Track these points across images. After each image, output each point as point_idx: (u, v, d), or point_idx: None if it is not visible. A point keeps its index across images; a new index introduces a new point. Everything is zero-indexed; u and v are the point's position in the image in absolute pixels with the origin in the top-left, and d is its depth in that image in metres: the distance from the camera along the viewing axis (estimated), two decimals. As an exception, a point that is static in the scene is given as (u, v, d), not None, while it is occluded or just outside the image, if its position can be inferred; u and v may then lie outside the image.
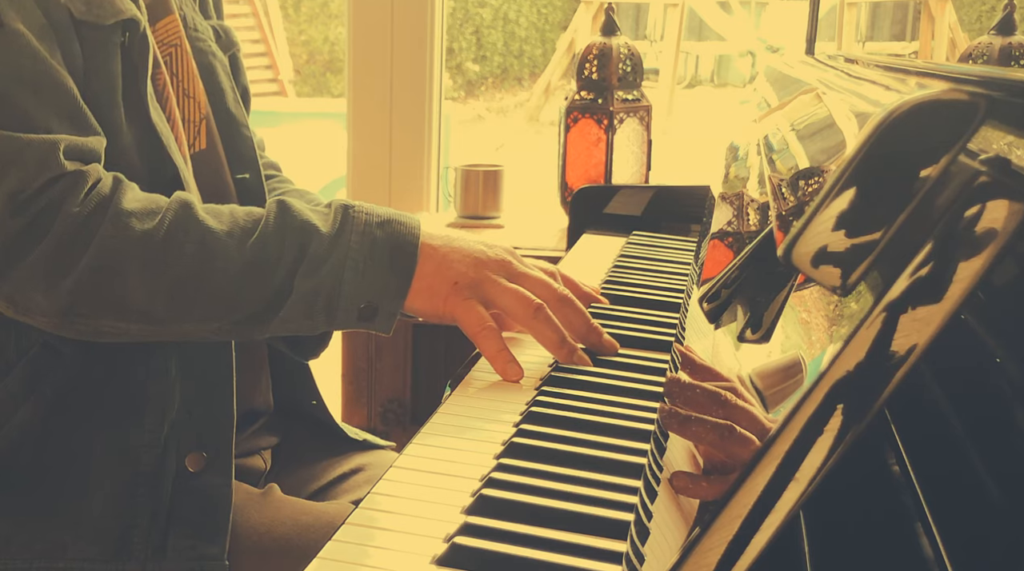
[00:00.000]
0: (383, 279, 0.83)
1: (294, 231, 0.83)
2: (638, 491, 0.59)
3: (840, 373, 0.38)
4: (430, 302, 0.83)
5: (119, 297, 0.81)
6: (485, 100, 8.90)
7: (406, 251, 0.83)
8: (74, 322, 0.82)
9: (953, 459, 0.39)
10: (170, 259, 0.81)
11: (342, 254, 0.82)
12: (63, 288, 0.79)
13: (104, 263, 0.80)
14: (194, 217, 0.83)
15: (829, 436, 0.37)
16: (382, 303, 0.83)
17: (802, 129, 0.94)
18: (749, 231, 1.01)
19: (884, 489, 0.42)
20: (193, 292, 0.82)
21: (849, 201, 0.46)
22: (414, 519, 0.58)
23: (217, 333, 0.86)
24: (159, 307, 0.82)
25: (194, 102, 1.00)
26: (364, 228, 0.84)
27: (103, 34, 0.86)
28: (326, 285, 0.82)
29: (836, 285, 0.44)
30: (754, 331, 0.76)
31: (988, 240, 0.36)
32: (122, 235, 0.80)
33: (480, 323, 0.82)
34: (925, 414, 0.41)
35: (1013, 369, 0.37)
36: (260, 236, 0.83)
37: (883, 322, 0.38)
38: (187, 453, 0.89)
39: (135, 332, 0.84)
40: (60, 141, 0.80)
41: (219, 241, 0.82)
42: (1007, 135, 0.44)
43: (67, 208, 0.79)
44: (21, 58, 0.81)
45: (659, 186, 1.53)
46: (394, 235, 0.84)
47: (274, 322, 0.83)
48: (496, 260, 0.85)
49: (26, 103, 0.80)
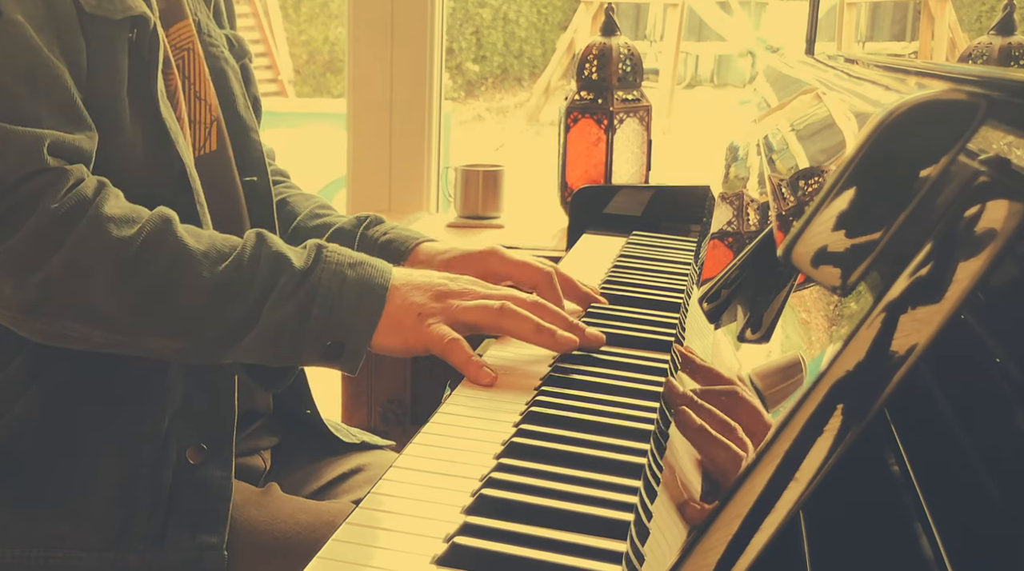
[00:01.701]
0: (350, 318, 0.83)
1: (267, 261, 0.84)
2: (638, 491, 0.59)
3: (840, 373, 0.38)
4: (398, 336, 0.84)
5: (86, 299, 0.81)
6: (485, 100, 8.90)
7: (375, 293, 0.84)
8: (38, 320, 0.82)
9: (953, 459, 0.39)
10: (141, 268, 0.81)
11: (311, 290, 0.83)
12: (31, 282, 0.79)
13: (76, 263, 0.80)
14: (172, 232, 0.83)
15: (829, 436, 0.37)
16: (348, 340, 0.83)
17: (802, 129, 0.94)
18: (749, 231, 1.01)
19: (884, 489, 0.42)
20: (159, 305, 0.82)
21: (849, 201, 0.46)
22: (414, 519, 0.58)
23: (179, 353, 0.86)
24: (124, 315, 0.81)
25: (205, 104, 1.00)
26: (336, 267, 0.84)
27: (112, 29, 0.86)
28: (293, 319, 0.82)
29: (836, 285, 0.44)
30: (754, 331, 0.76)
31: (988, 240, 0.36)
32: (97, 237, 0.80)
33: (443, 338, 0.82)
34: (925, 414, 0.41)
35: (1013, 369, 0.37)
36: (234, 261, 0.83)
37: (883, 322, 0.38)
38: (188, 445, 0.90)
39: (98, 339, 0.83)
40: (46, 136, 0.80)
41: (192, 259, 0.82)
42: (1007, 135, 0.44)
43: (45, 203, 0.79)
44: (17, 48, 0.81)
45: (659, 186, 1.53)
46: (364, 277, 0.85)
47: (235, 349, 0.83)
48: (458, 290, 0.86)
49: (18, 93, 0.80)
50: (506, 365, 0.84)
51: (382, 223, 1.10)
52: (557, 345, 0.83)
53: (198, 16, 1.02)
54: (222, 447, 0.91)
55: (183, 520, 0.88)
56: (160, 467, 0.88)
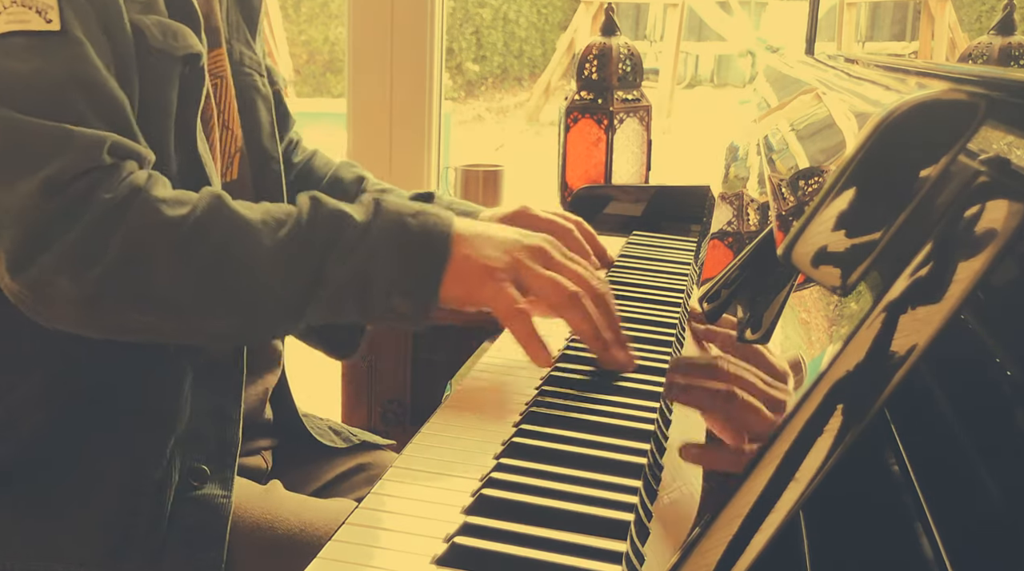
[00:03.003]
0: (416, 266, 0.80)
1: (326, 219, 0.81)
2: (638, 491, 0.59)
3: (840, 373, 0.38)
4: (463, 288, 0.80)
5: (146, 284, 0.78)
6: (485, 100, 8.89)
7: (440, 240, 0.81)
8: (99, 314, 0.80)
9: (953, 459, 0.39)
10: (198, 244, 0.79)
11: (374, 241, 0.80)
12: (91, 275, 0.77)
13: (132, 247, 0.78)
14: (226, 206, 0.81)
15: (829, 436, 0.37)
16: (415, 291, 0.80)
17: (802, 129, 0.94)
18: (749, 231, 1.01)
19: (884, 489, 0.42)
20: (221, 280, 0.79)
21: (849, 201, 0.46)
22: (414, 519, 0.58)
23: (245, 330, 0.83)
24: (186, 296, 0.79)
25: (231, 134, 1.01)
26: (397, 217, 0.81)
27: (170, 64, 0.88)
28: (358, 272, 0.79)
29: (836, 285, 0.44)
30: (754, 331, 0.76)
31: (988, 240, 0.36)
32: (151, 220, 0.79)
33: (510, 304, 0.79)
34: (925, 414, 0.42)
35: (1013, 369, 0.37)
36: (292, 225, 0.81)
37: (883, 322, 0.38)
38: (191, 465, 0.90)
39: (161, 326, 0.81)
40: (107, 138, 0.80)
41: (250, 229, 0.80)
42: (1007, 135, 0.44)
43: (99, 194, 0.78)
44: (80, 64, 0.81)
45: (659, 186, 1.53)
46: (426, 225, 0.81)
47: (305, 313, 0.80)
48: (532, 246, 0.82)
49: (79, 106, 0.80)
50: (506, 365, 0.84)
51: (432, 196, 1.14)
52: (605, 358, 0.79)
53: (232, 44, 1.03)
54: (224, 469, 0.91)
55: (182, 538, 0.88)
56: (163, 487, 0.88)
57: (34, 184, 0.77)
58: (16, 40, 0.79)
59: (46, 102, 0.79)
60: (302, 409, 1.13)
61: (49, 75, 0.79)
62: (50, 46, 0.80)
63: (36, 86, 0.79)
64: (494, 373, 0.83)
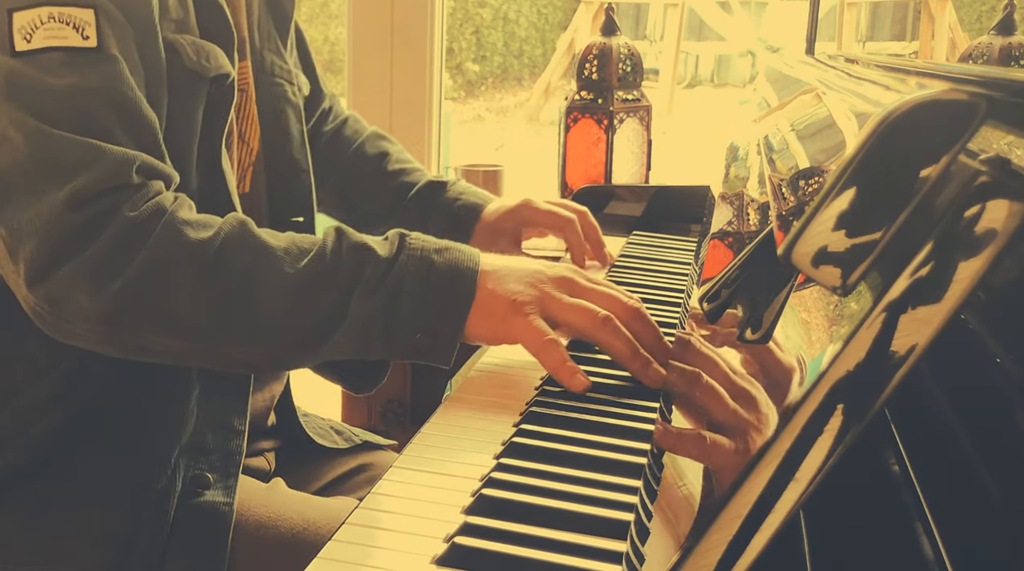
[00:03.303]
0: (442, 304, 0.79)
1: (351, 251, 0.80)
2: (638, 491, 0.59)
3: (840, 373, 0.38)
4: (489, 324, 0.79)
5: (166, 307, 0.78)
6: (485, 100, 8.89)
7: (465, 275, 0.79)
8: (117, 333, 0.79)
9: (953, 459, 0.39)
10: (222, 269, 0.78)
11: (399, 277, 0.79)
12: (109, 291, 0.77)
13: (155, 268, 0.78)
14: (250, 233, 0.81)
15: (829, 436, 0.37)
16: (440, 329, 0.79)
17: (802, 129, 0.94)
18: (749, 231, 1.01)
19: (884, 489, 0.42)
20: (243, 307, 0.79)
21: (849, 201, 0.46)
22: (414, 519, 0.58)
23: (264, 359, 0.82)
24: (206, 321, 0.78)
25: (247, 147, 1.01)
26: (421, 253, 0.80)
27: (201, 85, 0.88)
28: (382, 309, 0.78)
29: (836, 285, 0.44)
30: (754, 331, 0.76)
31: (988, 240, 0.36)
32: (175, 241, 0.78)
33: (540, 338, 0.77)
34: (925, 414, 0.42)
35: (1013, 369, 0.37)
36: (316, 256, 0.80)
37: (883, 322, 0.38)
38: (195, 474, 0.90)
39: (179, 350, 0.81)
40: (137, 157, 0.80)
41: (274, 257, 0.80)
42: (1007, 135, 0.44)
43: (123, 212, 0.78)
44: (114, 82, 0.81)
45: (659, 186, 1.53)
46: (452, 261, 0.80)
47: (327, 346, 0.79)
48: (555, 277, 0.81)
49: (110, 124, 0.80)
50: (506, 365, 0.84)
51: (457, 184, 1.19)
52: (647, 377, 0.76)
53: (264, 54, 1.03)
54: (228, 478, 0.91)
55: (184, 546, 0.88)
56: (166, 494, 0.88)
57: (60, 197, 0.77)
58: (53, 55, 0.79)
59: (78, 118, 0.79)
60: (302, 409, 1.13)
61: (83, 91, 0.79)
62: (86, 63, 0.80)
63: (69, 102, 0.79)
64: (494, 373, 0.83)
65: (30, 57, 0.79)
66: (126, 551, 0.87)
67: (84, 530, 0.87)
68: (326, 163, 1.23)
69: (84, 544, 0.86)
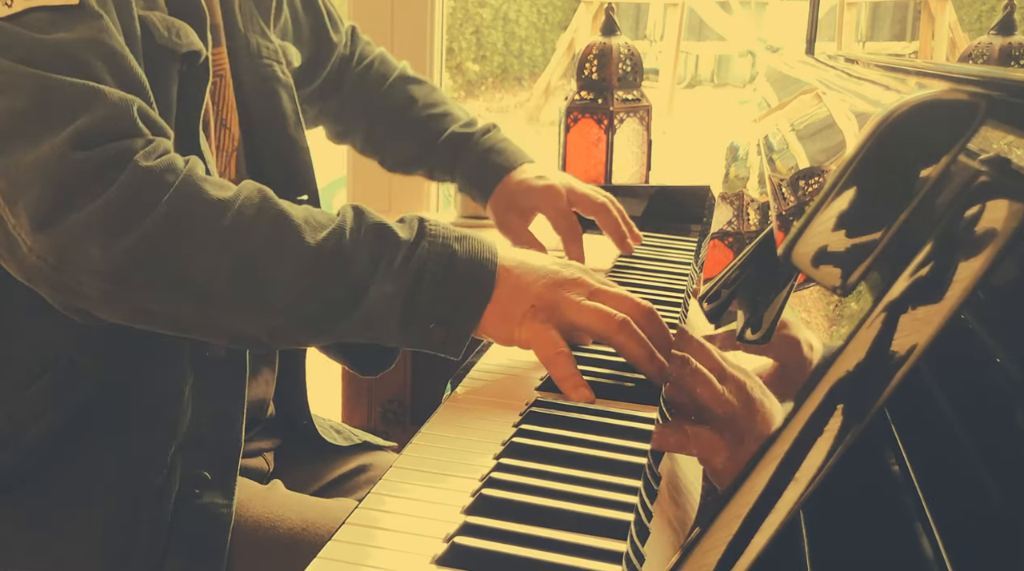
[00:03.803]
0: (461, 295, 0.77)
1: (370, 231, 0.77)
2: (638, 491, 0.59)
3: (840, 373, 0.38)
4: (504, 326, 0.78)
5: (180, 265, 0.74)
6: (485, 100, 8.89)
7: (485, 268, 0.78)
8: (125, 293, 0.75)
9: (953, 459, 0.39)
10: (241, 232, 0.75)
11: (421, 263, 0.76)
12: (122, 245, 0.73)
13: (172, 223, 0.74)
14: (270, 198, 0.78)
15: (829, 436, 0.37)
16: (456, 320, 0.77)
17: (802, 129, 0.94)
18: (749, 231, 1.01)
19: (884, 489, 0.42)
20: (259, 273, 0.75)
21: (849, 201, 0.46)
22: (414, 519, 0.58)
23: (272, 333, 0.78)
24: (221, 285, 0.75)
25: (229, 132, 1.00)
26: (442, 240, 0.78)
27: (172, 61, 0.87)
28: (404, 294, 0.76)
29: (836, 285, 0.44)
30: (754, 331, 0.76)
31: (988, 240, 0.36)
32: (195, 197, 0.75)
33: (554, 348, 0.76)
34: (925, 414, 0.41)
35: (1013, 369, 0.37)
36: (336, 230, 0.77)
37: (883, 322, 0.38)
38: (192, 473, 0.89)
39: (186, 317, 0.77)
40: (135, 102, 0.77)
41: (294, 225, 0.76)
42: (1007, 135, 0.44)
43: (139, 160, 0.74)
44: (102, 34, 0.79)
45: (659, 186, 1.53)
46: (472, 251, 0.78)
47: (341, 327, 0.77)
48: (571, 279, 0.79)
49: (102, 72, 0.78)
50: (506, 365, 0.84)
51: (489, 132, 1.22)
52: (662, 380, 0.75)
53: (249, 36, 1.02)
54: (226, 476, 0.91)
55: (183, 548, 0.88)
56: (164, 494, 0.88)
57: (62, 138, 0.73)
58: (38, 15, 0.78)
59: (71, 64, 0.76)
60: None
61: (72, 44, 0.77)
62: (71, 20, 0.78)
63: (60, 51, 0.77)
64: (494, 373, 0.83)
65: (15, 19, 0.77)
66: (125, 552, 0.87)
67: (83, 532, 0.87)
68: (355, 107, 1.27)
69: (83, 547, 0.86)
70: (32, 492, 0.88)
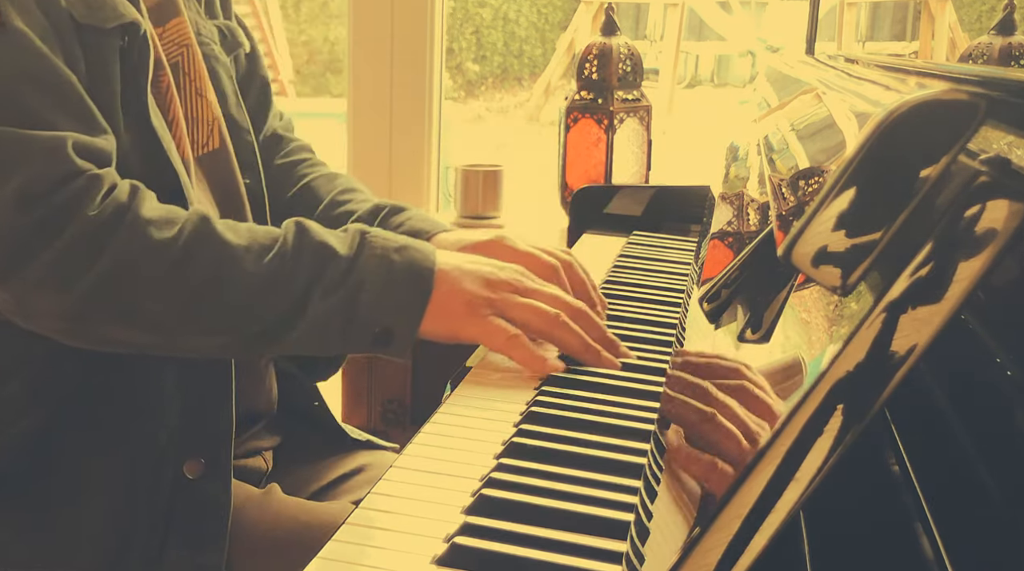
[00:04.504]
0: (399, 303, 0.82)
1: (312, 251, 0.82)
2: (638, 491, 0.59)
3: (840, 373, 0.38)
4: (446, 324, 0.82)
5: (132, 305, 0.80)
6: (485, 100, 8.89)
7: (423, 276, 0.82)
8: (84, 328, 0.81)
9: (953, 459, 0.39)
10: (186, 268, 0.80)
11: (359, 277, 0.81)
12: (75, 292, 0.78)
13: (120, 269, 0.79)
14: (213, 230, 0.82)
15: (829, 436, 0.37)
16: (397, 327, 0.82)
17: (802, 129, 0.94)
18: (749, 231, 1.01)
19: (884, 489, 0.42)
20: (207, 304, 0.81)
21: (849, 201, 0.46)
22: (414, 519, 0.58)
23: (224, 349, 0.84)
24: (170, 317, 0.81)
25: (205, 101, 1.00)
26: (381, 252, 0.83)
27: (103, 37, 0.86)
28: (342, 307, 0.81)
29: (836, 285, 0.44)
30: (754, 331, 0.76)
31: (988, 240, 0.36)
32: (139, 242, 0.79)
33: (505, 335, 0.81)
34: (925, 414, 0.42)
35: (1013, 369, 0.37)
36: (278, 253, 0.82)
37: (883, 322, 0.38)
38: (185, 460, 0.89)
39: (143, 342, 0.83)
40: (68, 137, 0.79)
41: (236, 255, 0.81)
42: (1007, 135, 0.44)
43: (83, 211, 0.78)
44: (25, 56, 0.80)
45: (659, 186, 1.53)
46: (410, 261, 0.83)
47: (286, 341, 0.82)
48: (507, 280, 0.84)
49: (32, 101, 0.79)
50: (507, 365, 0.84)
51: (400, 212, 1.08)
52: (600, 364, 0.81)
53: (187, 14, 1.01)
54: (220, 460, 0.90)
55: (181, 539, 0.88)
56: (157, 484, 0.88)
57: (4, 199, 0.77)
58: None
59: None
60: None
61: None
62: None
63: None
64: (494, 373, 0.83)
65: None
66: (124, 546, 0.86)
67: (78, 529, 0.86)
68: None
69: (80, 542, 0.86)
70: (23, 490, 0.88)
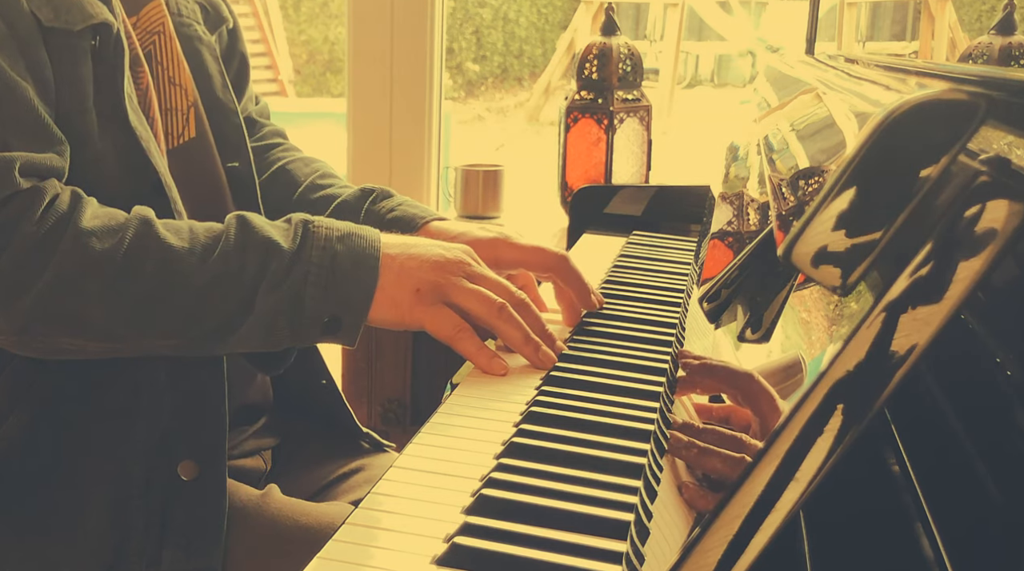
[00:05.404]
0: (346, 293, 0.81)
1: (255, 247, 0.82)
2: (638, 491, 0.59)
3: (840, 373, 0.38)
4: (394, 311, 0.82)
5: (77, 316, 0.79)
6: (485, 100, 8.90)
7: (367, 264, 0.82)
8: (32, 340, 0.81)
9: (953, 459, 0.39)
10: (129, 278, 0.79)
11: (303, 270, 0.81)
12: (19, 307, 0.78)
13: (62, 283, 0.78)
14: (155, 235, 0.81)
15: (829, 436, 0.37)
16: (344, 315, 0.82)
17: (802, 129, 0.94)
18: (749, 231, 1.01)
19: (884, 489, 0.42)
20: (153, 310, 0.80)
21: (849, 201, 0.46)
22: (414, 519, 0.58)
23: (177, 350, 0.84)
24: (118, 325, 0.80)
25: (181, 90, 0.98)
26: (324, 243, 0.82)
27: (72, 40, 0.84)
28: (288, 302, 0.81)
29: (836, 285, 0.44)
30: (754, 331, 0.76)
31: (988, 240, 0.36)
32: (81, 255, 0.78)
33: (453, 326, 0.82)
34: (925, 414, 0.42)
35: (1013, 369, 0.37)
36: (221, 253, 0.81)
37: (883, 322, 0.38)
38: (179, 462, 0.88)
39: (93, 349, 0.82)
40: (16, 159, 0.78)
41: (180, 259, 0.81)
42: (1007, 135, 0.44)
43: (24, 226, 0.77)
44: None
45: (659, 186, 1.53)
46: (354, 249, 0.83)
47: (233, 339, 0.82)
48: (455, 261, 0.84)
49: None
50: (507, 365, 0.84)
51: (390, 198, 1.07)
52: (537, 359, 0.82)
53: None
54: (215, 460, 0.90)
55: (178, 541, 0.87)
56: (152, 485, 0.87)
57: None
58: None
59: None
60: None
61: None
62: None
63: None
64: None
65: None
66: (120, 548, 0.86)
67: (73, 534, 0.86)
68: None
69: (76, 549, 0.85)
70: (14, 496, 0.87)
